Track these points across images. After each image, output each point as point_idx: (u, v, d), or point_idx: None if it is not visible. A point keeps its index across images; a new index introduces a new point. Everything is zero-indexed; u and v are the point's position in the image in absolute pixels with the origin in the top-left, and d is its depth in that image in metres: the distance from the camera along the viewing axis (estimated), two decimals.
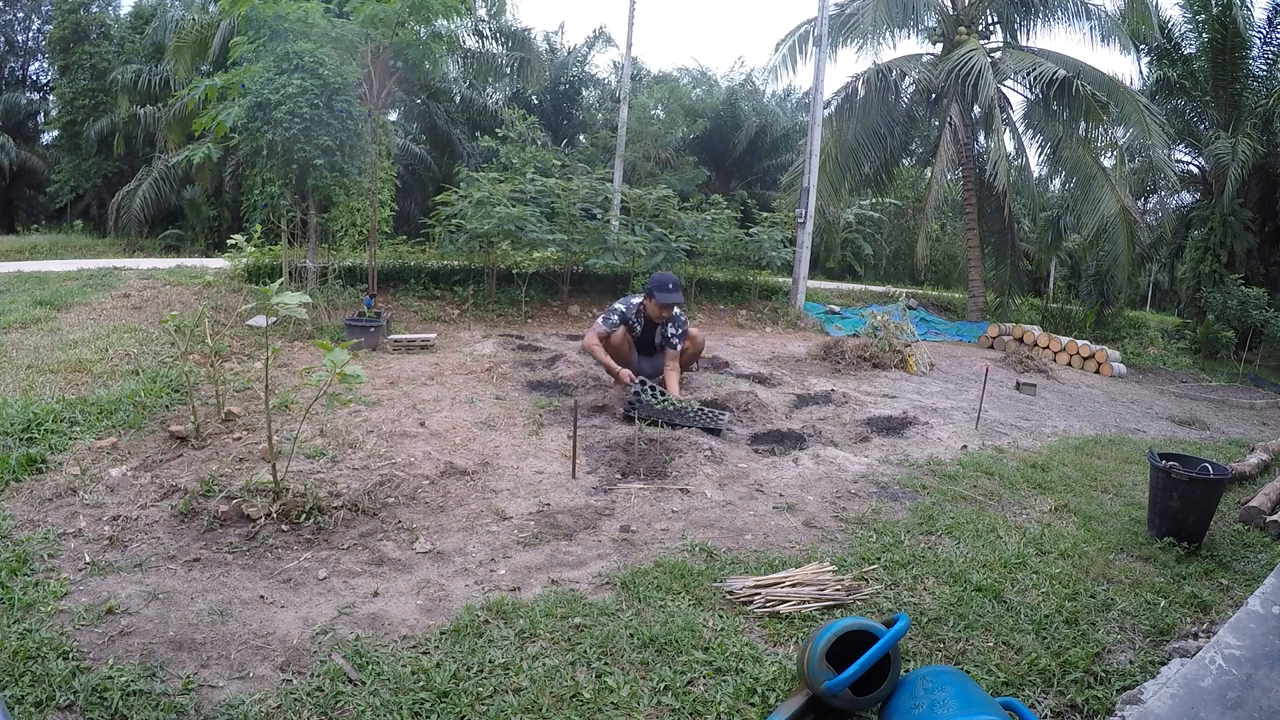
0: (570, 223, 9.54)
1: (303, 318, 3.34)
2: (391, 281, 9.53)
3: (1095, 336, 12.46)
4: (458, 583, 2.60)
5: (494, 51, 15.58)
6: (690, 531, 3.12)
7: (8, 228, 20.79)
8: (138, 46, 18.36)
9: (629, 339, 5.22)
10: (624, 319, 5.17)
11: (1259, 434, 6.49)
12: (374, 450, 3.73)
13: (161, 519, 2.88)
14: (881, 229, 21.32)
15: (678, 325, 5.15)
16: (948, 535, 3.22)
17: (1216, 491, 3.27)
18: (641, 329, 5.23)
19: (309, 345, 6.26)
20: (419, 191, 17.20)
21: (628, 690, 2.04)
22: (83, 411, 3.91)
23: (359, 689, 1.99)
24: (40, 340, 5.50)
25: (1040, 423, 5.85)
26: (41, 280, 7.91)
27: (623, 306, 5.22)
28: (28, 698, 1.85)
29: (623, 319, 5.16)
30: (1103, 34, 12.45)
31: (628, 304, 5.25)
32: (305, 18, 7.06)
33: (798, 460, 4.14)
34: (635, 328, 5.22)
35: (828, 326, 10.80)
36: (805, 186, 11.24)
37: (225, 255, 9.10)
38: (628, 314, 5.20)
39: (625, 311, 5.20)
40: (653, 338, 5.25)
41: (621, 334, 5.14)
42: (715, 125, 20.19)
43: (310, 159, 6.75)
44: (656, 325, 5.18)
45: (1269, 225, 14.14)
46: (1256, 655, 2.21)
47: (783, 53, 13.69)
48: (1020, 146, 13.56)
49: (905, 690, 1.84)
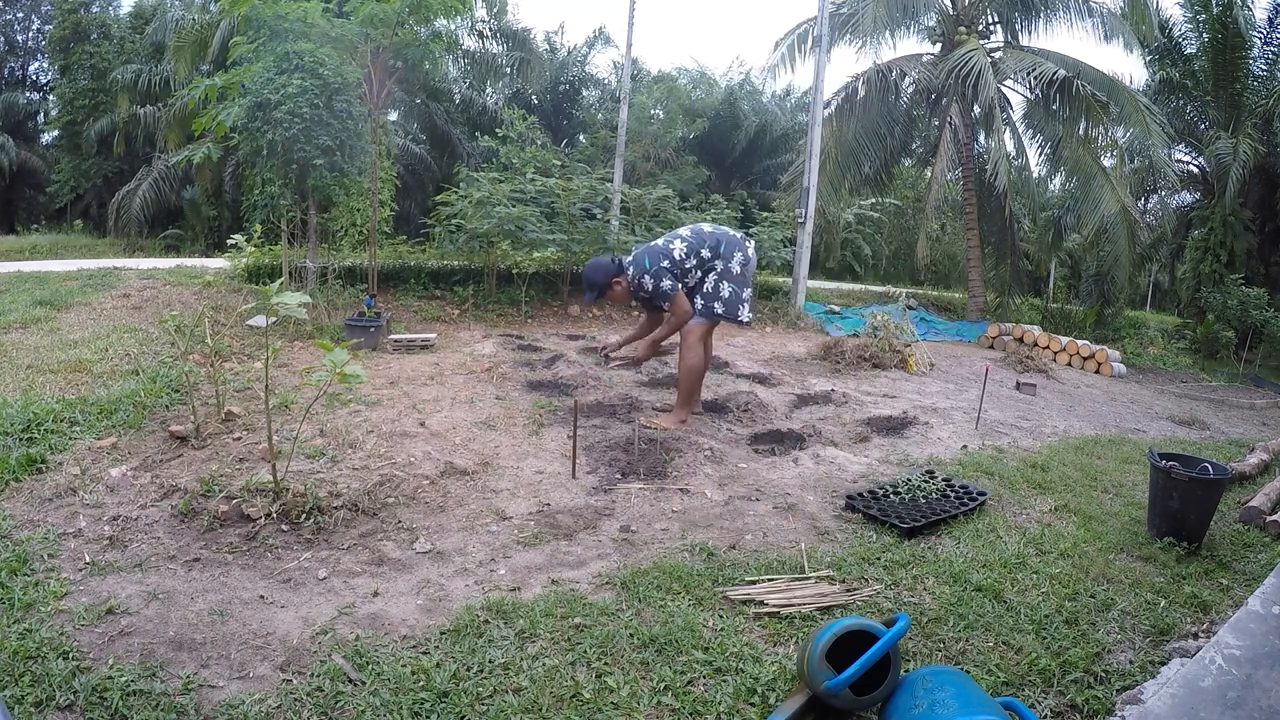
0: (570, 223, 9.54)
1: (303, 318, 3.33)
2: (391, 281, 9.53)
3: (1095, 336, 12.46)
4: (458, 583, 2.60)
5: (494, 51, 15.60)
6: (690, 531, 3.12)
7: (8, 228, 20.78)
8: (138, 46, 18.36)
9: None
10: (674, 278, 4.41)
11: (1259, 434, 6.48)
12: (374, 450, 3.73)
13: (161, 519, 2.88)
14: (881, 229, 21.32)
15: (658, 296, 4.43)
16: (948, 535, 3.22)
17: (1216, 491, 3.27)
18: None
19: (309, 345, 6.26)
20: (419, 191, 17.21)
21: (628, 690, 2.04)
22: (83, 411, 3.91)
23: (359, 689, 1.99)
24: (40, 340, 5.50)
25: (1040, 423, 5.85)
26: (41, 280, 7.91)
27: (668, 283, 4.37)
28: (28, 698, 1.85)
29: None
30: (1105, 33, 12.44)
31: (659, 271, 4.36)
32: (305, 18, 7.06)
33: (798, 460, 4.14)
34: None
35: (828, 326, 10.80)
36: (805, 186, 11.24)
37: (225, 255, 9.10)
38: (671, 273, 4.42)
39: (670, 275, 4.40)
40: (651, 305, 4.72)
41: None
42: (715, 125, 20.19)
43: (310, 159, 6.75)
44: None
45: (1269, 225, 14.14)
46: (1256, 655, 2.21)
47: (781, 51, 13.68)
48: (1020, 146, 13.55)
49: (905, 690, 1.84)
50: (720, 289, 4.43)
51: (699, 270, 4.47)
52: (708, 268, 4.47)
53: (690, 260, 4.43)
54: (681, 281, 4.43)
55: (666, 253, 4.40)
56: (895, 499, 3.53)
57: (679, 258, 4.41)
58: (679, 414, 4.54)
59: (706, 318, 4.46)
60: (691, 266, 4.44)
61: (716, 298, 4.43)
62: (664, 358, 5.98)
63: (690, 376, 4.49)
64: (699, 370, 4.51)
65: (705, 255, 4.45)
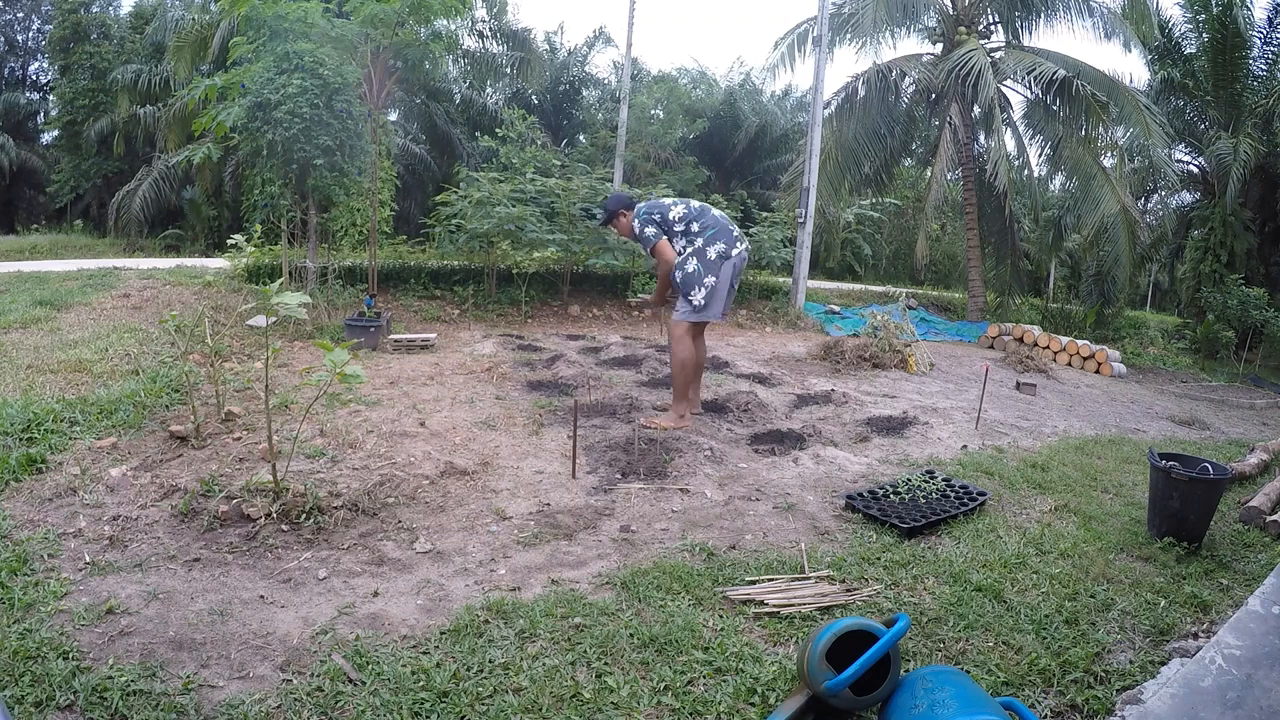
0: (570, 223, 9.55)
1: (303, 318, 3.33)
2: (391, 281, 9.53)
3: (1095, 336, 12.46)
4: (458, 583, 2.60)
5: (494, 51, 15.60)
6: (690, 531, 3.12)
7: (8, 228, 20.78)
8: (138, 46, 18.36)
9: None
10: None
11: (1259, 434, 6.48)
12: (374, 450, 3.73)
13: (161, 519, 2.88)
14: (881, 229, 21.32)
15: (643, 240, 4.65)
16: (948, 535, 3.22)
17: (1216, 491, 3.27)
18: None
19: (309, 345, 6.26)
20: (419, 191, 17.21)
21: (628, 690, 2.04)
22: (83, 411, 3.91)
23: (359, 689, 1.99)
24: (40, 340, 5.50)
25: (1040, 423, 5.85)
26: (41, 280, 7.92)
27: (652, 230, 4.60)
28: (28, 698, 1.85)
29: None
30: (1104, 32, 12.44)
31: (646, 219, 4.62)
32: (305, 18, 7.06)
33: (798, 460, 4.14)
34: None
35: (828, 326, 10.80)
36: (805, 186, 11.24)
37: (225, 255, 9.09)
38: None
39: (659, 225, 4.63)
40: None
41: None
42: (715, 125, 20.18)
43: (310, 159, 6.75)
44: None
45: (1269, 225, 14.14)
46: (1256, 655, 2.21)
47: (781, 51, 13.68)
48: (1020, 146, 13.56)
49: (905, 690, 1.84)
50: (700, 283, 4.45)
51: (683, 239, 4.59)
52: (692, 242, 4.56)
53: (679, 225, 4.60)
54: (667, 237, 4.59)
55: (662, 208, 4.63)
56: (895, 499, 3.53)
57: (673, 218, 4.61)
58: (676, 410, 4.63)
59: (686, 318, 4.53)
60: (679, 231, 4.60)
61: (693, 286, 4.46)
62: (664, 357, 6.09)
63: (681, 372, 4.57)
64: (688, 365, 4.57)
65: (694, 230, 4.57)
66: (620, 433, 4.28)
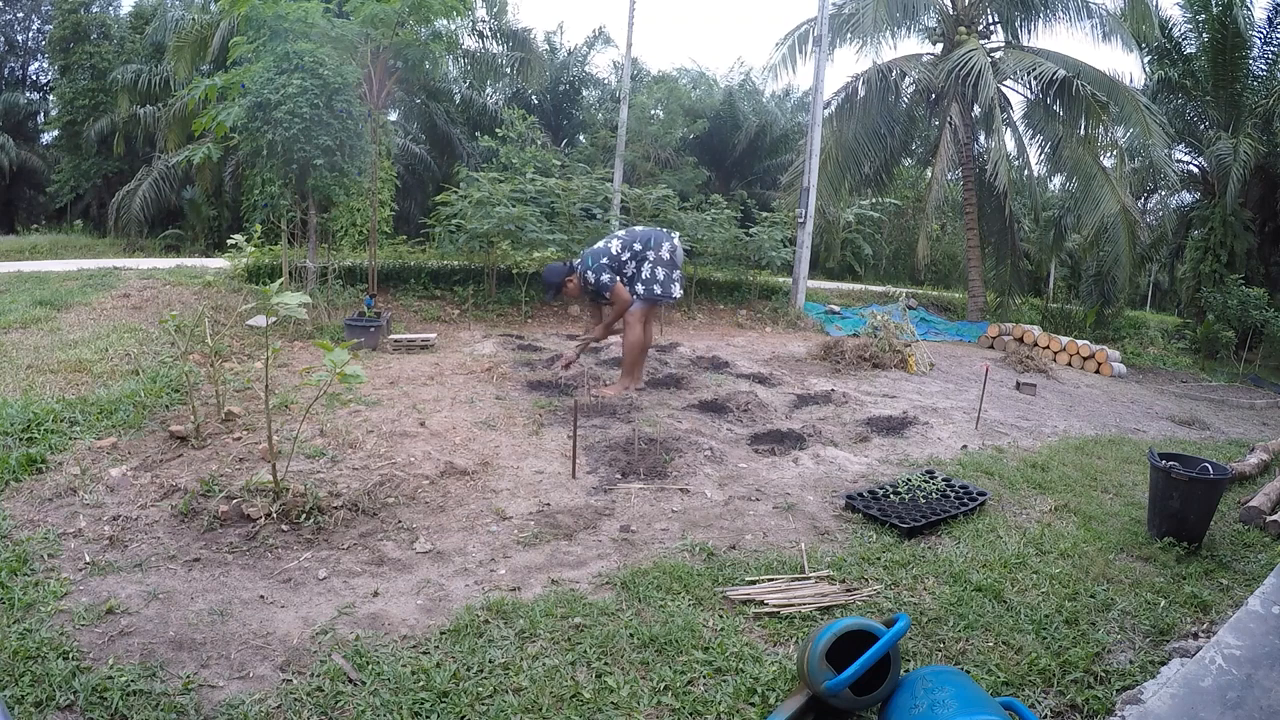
0: (570, 222, 9.54)
1: (303, 318, 3.33)
2: (391, 281, 9.53)
3: (1095, 336, 12.46)
4: (458, 583, 2.60)
5: (494, 51, 15.58)
6: (690, 531, 3.12)
7: (8, 228, 20.77)
8: (138, 46, 18.35)
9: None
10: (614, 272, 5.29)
11: (1259, 434, 6.49)
12: (374, 450, 3.73)
13: (161, 519, 2.88)
14: (881, 229, 21.30)
15: (600, 288, 5.26)
16: (948, 535, 3.22)
17: (1216, 491, 3.27)
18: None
19: (309, 345, 6.26)
20: (419, 191, 17.19)
21: (628, 690, 2.04)
22: (83, 411, 3.90)
23: (359, 689, 1.99)
24: (40, 340, 5.50)
25: (1040, 423, 5.85)
26: (41, 280, 7.91)
27: (607, 276, 5.23)
28: (28, 698, 1.85)
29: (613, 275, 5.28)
30: (1104, 32, 12.44)
31: (599, 267, 5.24)
32: (305, 18, 7.06)
33: (798, 460, 4.14)
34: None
35: (828, 326, 10.80)
36: (805, 186, 11.24)
37: (225, 255, 9.09)
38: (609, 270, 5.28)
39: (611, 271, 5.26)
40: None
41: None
42: (715, 125, 20.18)
43: (310, 159, 6.75)
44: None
45: (1269, 225, 14.13)
46: (1256, 655, 2.21)
47: (782, 52, 13.67)
48: (1020, 146, 13.55)
49: (905, 690, 1.84)
50: (655, 273, 5.24)
51: (634, 261, 5.27)
52: (641, 258, 5.26)
53: (625, 254, 5.26)
54: (620, 274, 5.27)
55: (605, 252, 5.27)
56: (895, 499, 3.53)
57: (615, 253, 5.26)
58: (623, 383, 5.37)
59: (644, 301, 5.24)
60: (627, 259, 5.27)
61: (653, 281, 5.24)
62: (663, 358, 6.13)
63: (632, 351, 5.32)
64: (640, 345, 5.36)
65: (637, 248, 5.26)
66: (620, 433, 4.28)
